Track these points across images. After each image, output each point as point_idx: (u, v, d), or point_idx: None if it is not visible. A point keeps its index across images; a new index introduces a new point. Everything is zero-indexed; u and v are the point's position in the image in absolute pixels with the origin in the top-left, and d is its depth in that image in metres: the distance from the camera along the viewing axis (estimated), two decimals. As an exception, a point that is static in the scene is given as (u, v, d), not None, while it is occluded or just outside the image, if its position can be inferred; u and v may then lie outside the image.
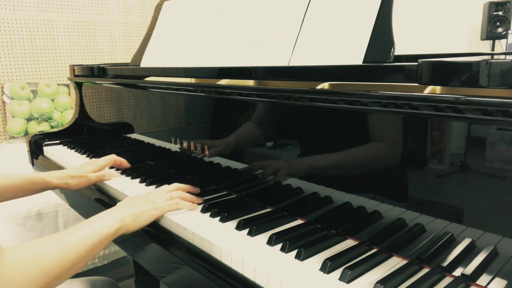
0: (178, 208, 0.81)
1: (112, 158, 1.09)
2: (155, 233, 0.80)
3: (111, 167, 1.11)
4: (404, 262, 0.60)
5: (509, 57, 0.52)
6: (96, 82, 1.41)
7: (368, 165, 0.68)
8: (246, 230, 0.72)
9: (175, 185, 0.87)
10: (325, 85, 0.68)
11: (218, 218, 0.77)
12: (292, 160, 0.80)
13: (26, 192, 0.98)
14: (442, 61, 0.55)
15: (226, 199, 0.88)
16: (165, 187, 0.86)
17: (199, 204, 0.85)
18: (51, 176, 1.00)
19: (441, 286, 0.55)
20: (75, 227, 0.70)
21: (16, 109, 2.13)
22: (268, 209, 0.82)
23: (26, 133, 2.15)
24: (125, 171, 1.10)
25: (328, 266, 0.58)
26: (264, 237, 0.70)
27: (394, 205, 0.65)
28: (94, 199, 1.03)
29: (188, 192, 0.87)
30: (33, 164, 1.49)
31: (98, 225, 0.71)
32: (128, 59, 2.25)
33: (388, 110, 0.61)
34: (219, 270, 0.66)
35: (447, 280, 0.56)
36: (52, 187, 1.01)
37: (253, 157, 0.88)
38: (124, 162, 1.10)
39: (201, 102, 1.00)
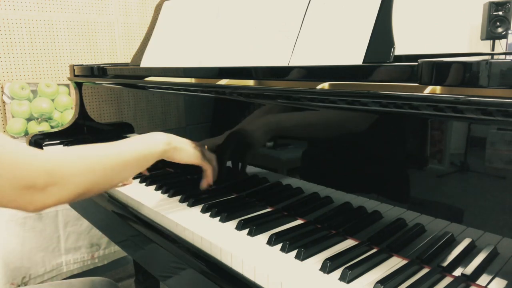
0: (207, 170, 0.87)
1: None
2: (155, 233, 0.80)
3: None
4: (404, 262, 0.60)
5: (509, 57, 0.52)
6: (96, 82, 1.41)
7: (368, 164, 0.68)
8: (246, 230, 0.72)
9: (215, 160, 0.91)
10: (325, 85, 0.68)
11: (218, 218, 0.77)
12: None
13: None
14: (442, 61, 0.55)
15: (226, 199, 0.88)
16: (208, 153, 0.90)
17: (210, 187, 0.89)
18: None
19: (441, 286, 0.55)
20: (126, 139, 0.75)
21: (16, 109, 2.13)
22: (268, 209, 0.82)
23: (26, 133, 2.15)
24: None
25: (328, 266, 0.58)
26: (264, 237, 0.70)
27: (394, 205, 0.65)
28: (93, 199, 1.03)
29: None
30: (33, 164, 1.49)
31: (146, 141, 0.76)
32: (128, 59, 2.25)
33: (388, 110, 0.61)
34: (219, 270, 0.66)
35: (447, 280, 0.56)
36: None
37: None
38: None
39: (201, 102, 1.00)
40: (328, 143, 0.74)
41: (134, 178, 1.05)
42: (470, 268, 0.55)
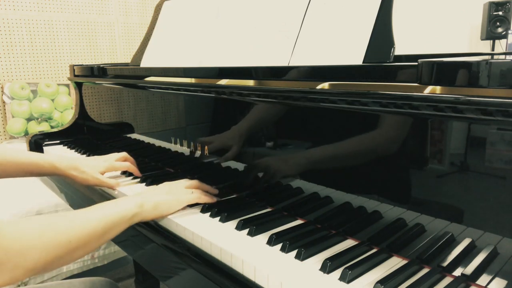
0: (198, 202, 0.82)
1: (127, 166, 1.04)
2: (155, 233, 0.80)
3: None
4: (404, 262, 0.61)
5: (509, 57, 0.52)
6: (96, 82, 1.42)
7: (368, 164, 0.68)
8: (246, 230, 0.72)
9: (196, 181, 0.87)
10: (325, 85, 0.68)
11: (218, 218, 0.77)
12: (289, 157, 0.80)
13: (30, 174, 0.96)
14: (442, 61, 0.55)
15: (226, 199, 0.88)
16: (184, 181, 0.86)
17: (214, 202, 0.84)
18: (61, 163, 0.97)
19: (441, 286, 0.55)
20: (92, 206, 0.69)
21: (16, 109, 2.13)
22: (268, 209, 0.82)
23: (26, 133, 2.15)
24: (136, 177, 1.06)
25: (328, 266, 0.58)
26: (264, 237, 0.70)
27: (394, 205, 0.65)
28: (95, 200, 1.03)
29: (207, 191, 0.87)
30: (33, 164, 1.49)
31: (115, 207, 0.70)
32: (128, 59, 2.25)
33: (388, 110, 0.61)
34: (219, 270, 0.66)
35: (447, 280, 0.56)
36: (60, 174, 0.97)
37: (253, 157, 0.88)
38: (136, 172, 1.05)
39: (201, 102, 1.01)
40: (328, 143, 0.74)
41: (134, 178, 1.05)
42: (470, 268, 0.55)
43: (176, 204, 0.80)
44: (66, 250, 0.60)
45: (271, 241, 0.67)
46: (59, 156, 1.02)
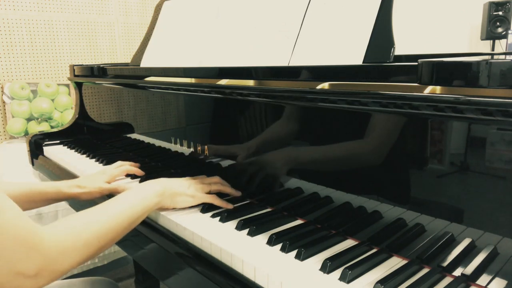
0: (212, 202, 0.82)
1: (126, 169, 1.04)
2: (155, 233, 0.80)
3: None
4: (404, 262, 0.61)
5: (509, 57, 0.52)
6: (96, 82, 1.42)
7: (368, 164, 0.68)
8: (246, 230, 0.72)
9: (218, 178, 0.88)
10: (325, 85, 0.68)
11: (218, 218, 0.77)
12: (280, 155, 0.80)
13: (33, 204, 0.93)
14: (442, 61, 0.55)
15: (226, 199, 0.88)
16: (207, 178, 0.87)
17: (230, 208, 0.82)
18: (63, 185, 0.95)
19: (441, 286, 0.55)
20: (117, 198, 0.73)
21: (16, 109, 2.13)
22: (268, 209, 0.82)
23: (26, 133, 2.15)
24: (134, 177, 1.06)
25: (328, 266, 0.58)
26: (264, 237, 0.70)
27: (394, 205, 0.65)
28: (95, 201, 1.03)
29: (227, 193, 0.88)
30: (33, 164, 1.49)
31: (137, 197, 0.74)
32: (128, 59, 2.25)
33: (388, 110, 0.61)
34: (219, 270, 0.66)
35: (447, 280, 0.56)
36: (64, 197, 0.96)
37: (254, 158, 0.87)
38: (138, 172, 1.05)
39: (201, 102, 1.01)
40: (328, 143, 0.74)
41: (133, 178, 1.05)
42: (470, 268, 0.55)
43: (191, 200, 0.82)
44: (97, 248, 0.64)
45: (271, 241, 0.67)
46: (58, 182, 1.00)
